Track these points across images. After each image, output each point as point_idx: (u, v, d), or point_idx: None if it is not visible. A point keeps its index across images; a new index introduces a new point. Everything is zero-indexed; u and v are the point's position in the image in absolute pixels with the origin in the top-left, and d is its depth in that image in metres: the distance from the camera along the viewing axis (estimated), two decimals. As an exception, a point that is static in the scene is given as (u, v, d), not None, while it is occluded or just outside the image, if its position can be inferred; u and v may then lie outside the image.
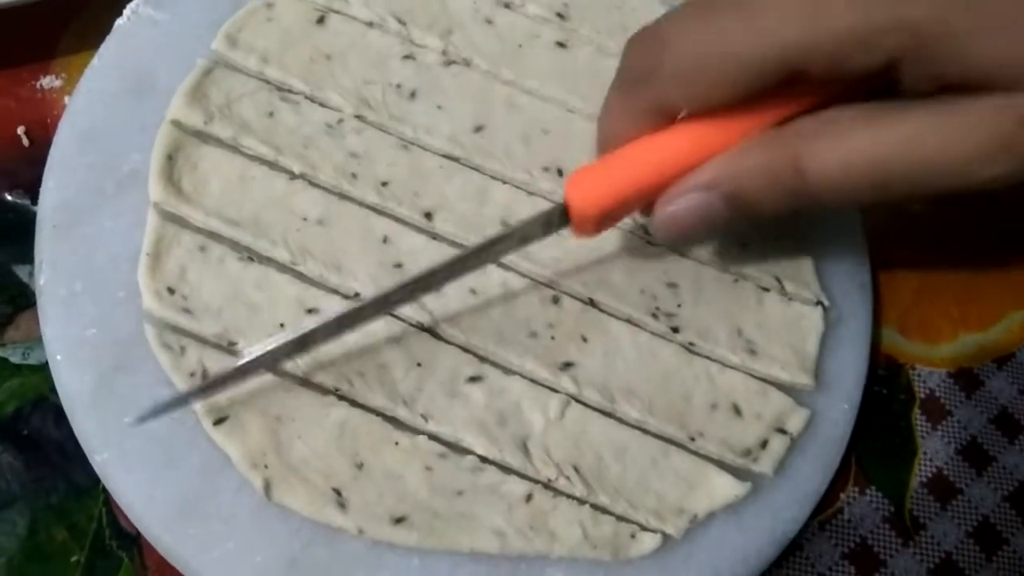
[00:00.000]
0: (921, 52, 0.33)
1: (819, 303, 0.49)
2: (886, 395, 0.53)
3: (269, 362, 0.40)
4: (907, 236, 0.57)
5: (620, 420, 0.45)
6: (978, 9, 0.33)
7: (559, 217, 0.40)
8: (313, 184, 0.47)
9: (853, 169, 0.36)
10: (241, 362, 0.38)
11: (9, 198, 0.49)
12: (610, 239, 0.48)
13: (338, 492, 0.40)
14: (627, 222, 0.48)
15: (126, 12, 0.49)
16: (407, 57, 0.50)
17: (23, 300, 0.47)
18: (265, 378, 0.42)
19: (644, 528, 0.43)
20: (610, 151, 0.40)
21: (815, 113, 0.37)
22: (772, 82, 0.36)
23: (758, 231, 0.50)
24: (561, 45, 0.53)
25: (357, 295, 0.45)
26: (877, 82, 0.36)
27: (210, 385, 0.39)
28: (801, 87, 0.37)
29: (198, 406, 0.41)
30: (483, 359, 0.44)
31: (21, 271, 0.47)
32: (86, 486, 0.44)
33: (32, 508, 0.43)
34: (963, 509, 0.51)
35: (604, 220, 0.40)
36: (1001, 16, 0.33)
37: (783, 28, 0.34)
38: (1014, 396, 0.54)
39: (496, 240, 0.40)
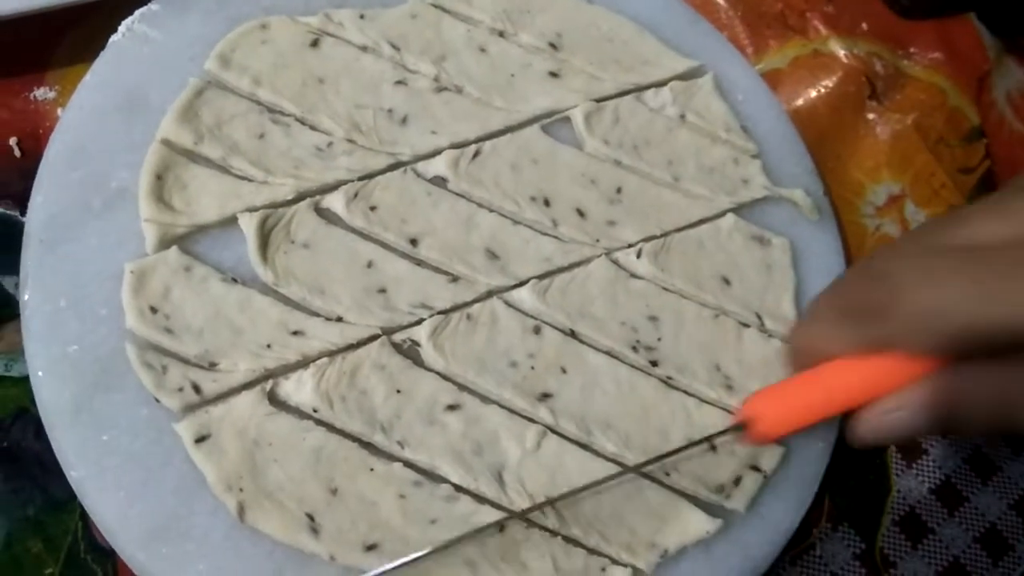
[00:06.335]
0: None
1: (798, 341, 0.50)
2: (863, 432, 0.53)
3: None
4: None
5: (596, 453, 0.45)
6: None
7: (733, 433, 0.43)
8: (300, 207, 0.47)
9: None
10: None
11: (-2, 209, 0.49)
12: (594, 270, 0.49)
13: (311, 517, 0.41)
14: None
15: (121, 28, 0.49)
16: (399, 82, 0.51)
17: (8, 311, 0.47)
18: (244, 399, 0.42)
19: (615, 562, 0.43)
20: (805, 367, 0.41)
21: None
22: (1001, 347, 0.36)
23: (739, 267, 0.50)
24: (553, 75, 0.53)
25: (340, 319, 0.45)
26: None
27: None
28: None
29: (182, 423, 0.41)
30: (462, 387, 0.45)
31: (7, 282, 0.47)
32: (63, 499, 0.44)
33: (9, 520, 0.43)
34: (934, 549, 0.51)
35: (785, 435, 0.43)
36: None
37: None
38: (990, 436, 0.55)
39: (664, 456, 0.43)
